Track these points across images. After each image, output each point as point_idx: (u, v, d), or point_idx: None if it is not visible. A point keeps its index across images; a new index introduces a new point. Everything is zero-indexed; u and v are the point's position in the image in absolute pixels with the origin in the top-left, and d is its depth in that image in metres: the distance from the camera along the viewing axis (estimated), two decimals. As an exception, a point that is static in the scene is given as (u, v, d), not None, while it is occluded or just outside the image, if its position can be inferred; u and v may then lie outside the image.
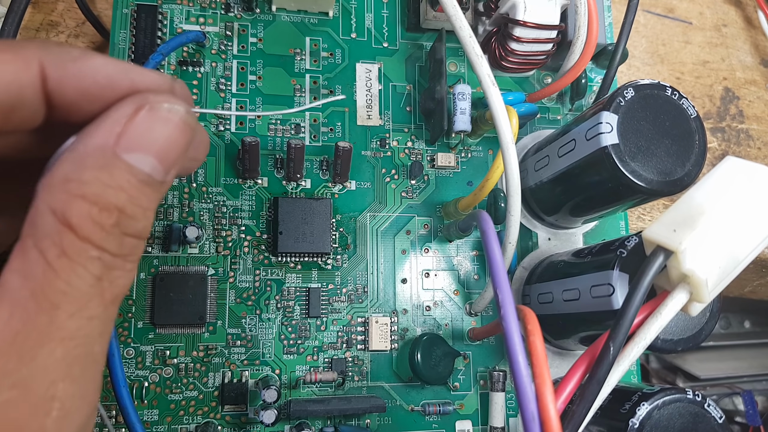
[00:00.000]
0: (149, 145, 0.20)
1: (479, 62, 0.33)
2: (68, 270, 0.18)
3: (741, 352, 0.76)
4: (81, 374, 0.19)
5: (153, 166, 0.20)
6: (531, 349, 0.25)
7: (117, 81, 0.21)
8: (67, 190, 0.18)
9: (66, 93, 0.20)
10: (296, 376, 0.39)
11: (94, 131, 0.19)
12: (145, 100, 0.20)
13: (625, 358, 0.26)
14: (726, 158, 0.28)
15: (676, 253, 0.25)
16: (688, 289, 0.26)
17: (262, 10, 0.43)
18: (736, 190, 0.26)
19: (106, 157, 0.19)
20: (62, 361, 0.18)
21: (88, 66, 0.20)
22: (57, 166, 0.19)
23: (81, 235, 0.18)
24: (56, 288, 0.18)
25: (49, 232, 0.18)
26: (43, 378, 0.18)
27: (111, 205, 0.19)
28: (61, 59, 0.20)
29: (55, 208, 0.18)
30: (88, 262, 0.19)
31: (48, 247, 0.18)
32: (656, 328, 0.26)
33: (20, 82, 0.19)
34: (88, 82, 0.20)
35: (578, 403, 0.25)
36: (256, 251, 0.40)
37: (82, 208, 0.18)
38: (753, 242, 0.26)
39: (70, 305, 0.18)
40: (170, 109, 0.20)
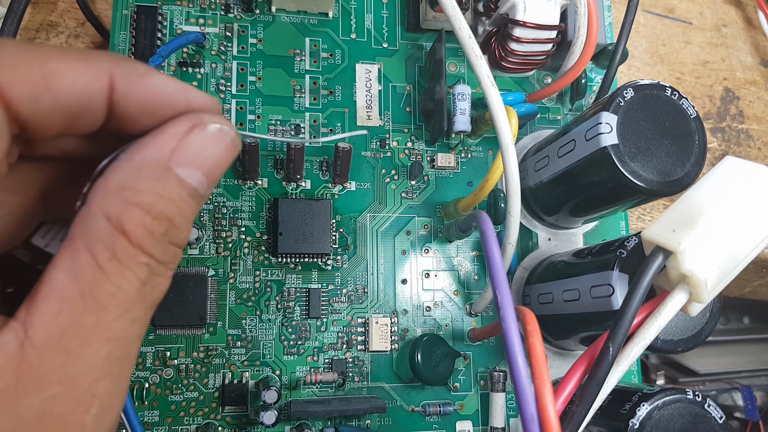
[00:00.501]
0: (200, 162, 0.21)
1: (478, 63, 0.33)
2: (118, 273, 0.19)
3: (740, 347, 0.76)
4: (119, 374, 0.20)
5: (200, 181, 0.21)
6: (530, 350, 0.25)
7: (175, 99, 0.22)
8: (123, 197, 0.19)
9: (128, 105, 0.21)
10: (296, 377, 0.39)
11: (151, 143, 0.21)
12: (201, 119, 0.22)
13: (625, 359, 0.26)
14: (725, 158, 0.28)
15: (675, 253, 0.25)
16: (688, 290, 0.26)
17: (261, 11, 0.43)
18: (736, 190, 0.26)
19: (161, 169, 0.20)
20: (105, 361, 0.19)
21: (152, 82, 0.21)
22: (112, 174, 0.20)
23: (134, 242, 0.19)
24: (105, 290, 0.19)
25: (102, 236, 0.19)
26: (87, 375, 0.19)
27: (162, 215, 0.20)
28: (129, 73, 0.21)
29: (109, 214, 0.19)
30: (137, 267, 0.20)
31: (100, 250, 0.19)
32: (656, 329, 0.26)
33: (91, 91, 0.20)
34: (150, 98, 0.21)
35: (578, 403, 0.25)
36: (256, 252, 0.40)
37: (137, 216, 0.19)
38: (752, 242, 0.26)
39: (117, 307, 0.19)
40: (222, 130, 0.22)
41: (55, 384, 0.18)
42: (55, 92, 0.19)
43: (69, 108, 0.19)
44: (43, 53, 0.19)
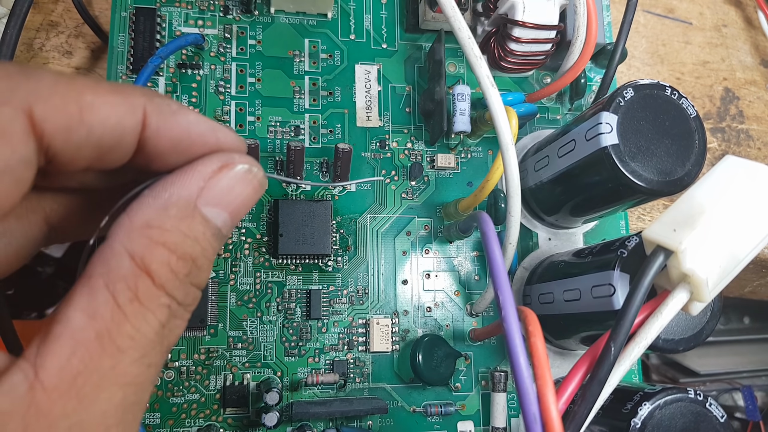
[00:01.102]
0: (227, 203, 0.21)
1: (478, 63, 0.33)
2: (139, 315, 0.18)
3: (740, 347, 0.76)
4: (132, 421, 0.19)
5: (225, 222, 0.21)
6: (532, 350, 0.25)
7: (207, 138, 0.22)
8: (149, 235, 0.19)
9: (159, 142, 0.21)
10: (298, 378, 0.39)
11: (179, 182, 0.20)
12: (231, 159, 0.21)
13: (626, 358, 0.26)
14: (725, 157, 0.28)
15: (676, 252, 0.25)
16: (689, 289, 0.26)
17: (260, 12, 0.43)
18: (736, 189, 0.26)
19: (188, 208, 0.20)
20: (119, 408, 0.18)
21: (184, 120, 0.21)
22: (138, 211, 0.19)
23: (157, 282, 0.19)
24: (124, 332, 0.18)
25: (124, 276, 0.18)
26: (99, 423, 0.18)
27: (188, 255, 0.20)
28: (163, 110, 0.20)
29: (133, 252, 0.18)
30: (158, 309, 0.19)
31: (122, 290, 0.18)
32: (657, 328, 0.26)
33: (124, 126, 0.19)
34: (182, 136, 0.21)
35: (580, 403, 0.25)
36: (257, 254, 0.40)
37: (163, 256, 0.19)
38: (753, 241, 0.26)
39: (135, 351, 0.18)
40: (250, 171, 0.22)
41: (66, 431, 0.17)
42: (89, 126, 0.18)
43: (100, 142, 0.19)
44: (78, 84, 0.18)
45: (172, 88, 0.40)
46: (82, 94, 0.18)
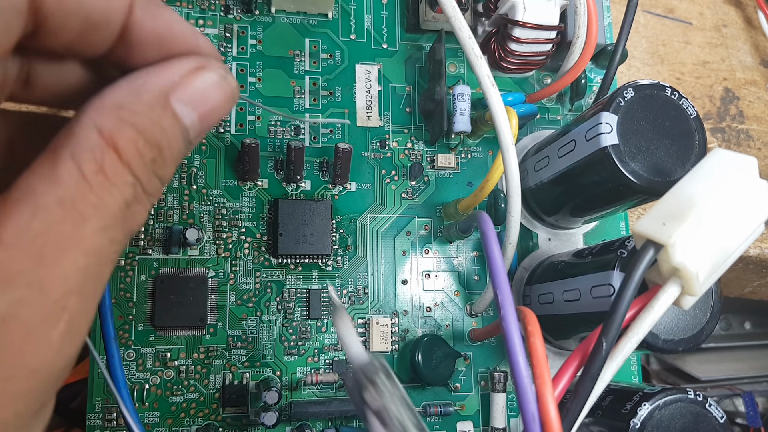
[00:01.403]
0: (198, 104, 0.21)
1: (478, 63, 0.33)
2: (103, 187, 0.18)
3: (741, 353, 0.76)
4: (92, 294, 0.19)
5: (193, 122, 0.21)
6: (531, 350, 0.25)
7: (187, 38, 0.22)
8: (119, 115, 0.19)
9: (142, 31, 0.21)
10: (297, 378, 0.39)
11: (155, 72, 0.20)
12: (208, 62, 0.22)
13: (619, 354, 0.26)
14: (714, 150, 0.28)
15: (666, 246, 0.25)
16: (680, 283, 0.26)
17: (261, 12, 0.43)
18: (725, 182, 0.26)
19: (161, 98, 0.20)
20: (80, 274, 0.18)
21: (168, 15, 0.21)
22: (110, 92, 0.20)
23: (123, 159, 0.19)
24: (88, 201, 0.18)
25: (91, 148, 0.18)
26: (60, 285, 0.17)
27: (154, 141, 0.20)
28: (150, 1, 0.21)
29: (102, 128, 0.19)
30: (123, 185, 0.19)
31: (87, 161, 0.18)
32: (649, 323, 0.26)
33: (111, 6, 0.20)
34: (164, 29, 0.21)
35: (572, 399, 0.25)
36: (257, 253, 0.40)
37: (131, 135, 0.19)
38: (743, 234, 0.26)
39: (98, 221, 0.18)
40: (225, 78, 0.22)
41: (24, 287, 0.17)
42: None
43: (89, 16, 0.19)
44: None
45: (172, 88, 0.40)
46: None
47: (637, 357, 0.44)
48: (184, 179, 0.39)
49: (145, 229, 0.38)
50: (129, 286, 0.38)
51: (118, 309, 0.37)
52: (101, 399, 0.36)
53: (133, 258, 0.38)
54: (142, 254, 0.38)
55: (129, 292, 0.38)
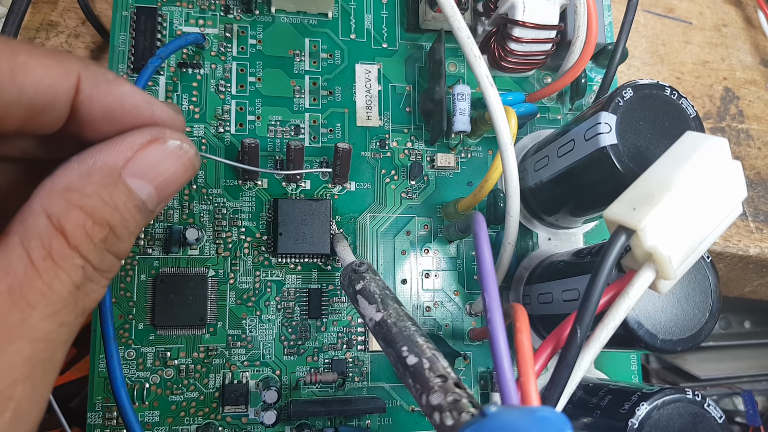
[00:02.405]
0: (153, 176, 0.21)
1: (478, 63, 0.33)
2: (51, 273, 0.19)
3: (741, 352, 0.76)
4: (41, 379, 0.19)
5: (150, 196, 0.21)
6: (518, 346, 0.25)
7: (141, 110, 0.22)
8: (68, 198, 0.19)
9: (92, 109, 0.21)
10: (297, 377, 0.39)
11: (106, 150, 0.21)
12: (162, 133, 0.22)
13: (595, 341, 0.26)
14: (685, 134, 0.28)
15: (637, 231, 0.25)
16: (654, 267, 0.25)
17: (261, 12, 0.43)
18: (696, 164, 0.26)
19: (112, 176, 0.20)
20: (27, 362, 0.18)
21: (119, 90, 0.21)
22: (61, 174, 0.20)
23: (71, 243, 0.19)
24: (36, 288, 0.18)
25: (39, 234, 0.19)
26: (5, 375, 0.18)
27: (105, 221, 0.20)
28: (97, 78, 0.21)
29: (50, 212, 0.19)
30: (71, 269, 0.19)
31: (35, 248, 0.18)
32: (624, 309, 0.26)
33: (57, 89, 0.20)
34: (115, 105, 0.21)
35: (549, 387, 0.25)
36: (256, 252, 0.40)
37: (78, 218, 0.19)
38: (717, 217, 0.26)
39: (46, 307, 0.18)
40: (181, 148, 0.22)
41: None
42: (21, 85, 0.19)
43: (32, 102, 0.19)
44: (13, 46, 0.19)
45: (172, 87, 0.41)
46: (17, 54, 0.19)
47: (636, 357, 0.44)
48: (184, 179, 0.39)
49: (146, 228, 0.38)
50: (129, 286, 0.38)
51: (118, 308, 0.37)
52: (101, 398, 0.36)
53: (133, 258, 0.38)
54: (142, 254, 0.38)
55: (129, 291, 0.38)
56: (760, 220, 0.54)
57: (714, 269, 0.32)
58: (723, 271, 0.58)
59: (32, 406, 0.19)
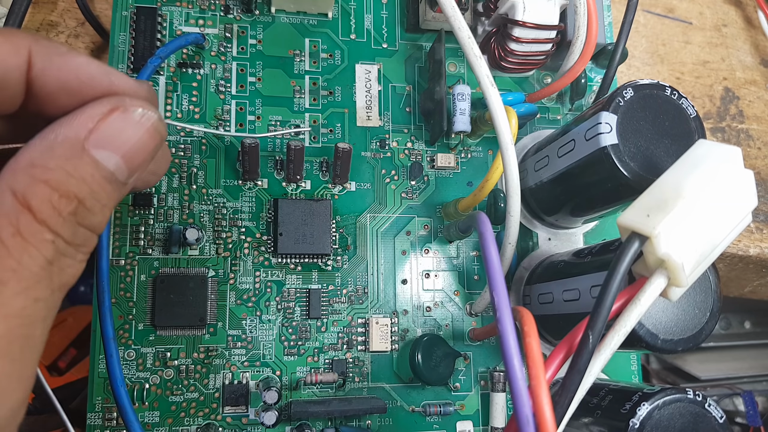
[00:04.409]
0: (118, 145, 0.21)
1: (478, 63, 0.33)
2: (21, 249, 0.18)
3: (741, 352, 0.76)
4: (20, 355, 0.19)
5: (118, 166, 0.21)
6: (527, 351, 0.25)
7: (97, 80, 0.22)
8: (32, 174, 0.19)
9: (47, 83, 0.21)
10: (297, 378, 0.39)
11: (66, 123, 0.20)
12: (121, 102, 0.21)
13: (606, 347, 0.26)
14: (698, 141, 0.28)
15: (650, 237, 0.25)
16: (666, 274, 0.25)
17: (261, 12, 0.43)
18: (710, 172, 0.26)
19: (75, 149, 0.20)
20: (3, 338, 0.18)
21: (72, 62, 0.21)
22: (24, 151, 0.20)
23: (38, 218, 0.19)
24: (5, 265, 0.18)
25: (6, 212, 0.18)
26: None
27: (71, 194, 0.20)
28: (49, 51, 0.21)
29: (15, 190, 0.19)
30: (41, 244, 0.19)
31: (4, 226, 0.18)
32: (636, 315, 0.26)
33: (7, 65, 0.20)
34: (70, 77, 0.21)
35: (560, 393, 0.25)
36: (257, 253, 0.40)
37: (44, 193, 0.19)
38: (730, 224, 0.26)
39: (18, 283, 0.18)
40: (143, 114, 0.22)
41: None
42: None
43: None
44: None
45: (172, 87, 0.40)
46: None
47: (637, 357, 0.44)
48: (184, 179, 0.39)
49: (145, 229, 0.38)
50: (129, 286, 0.38)
51: (118, 309, 0.37)
52: (101, 398, 0.36)
53: (133, 258, 0.38)
54: (142, 254, 0.38)
55: (129, 291, 0.38)
56: (760, 220, 0.54)
57: (714, 269, 0.32)
58: (723, 271, 0.58)
59: (12, 382, 0.19)
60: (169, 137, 0.40)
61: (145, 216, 0.39)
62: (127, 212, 0.38)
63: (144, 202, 0.38)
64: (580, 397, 0.26)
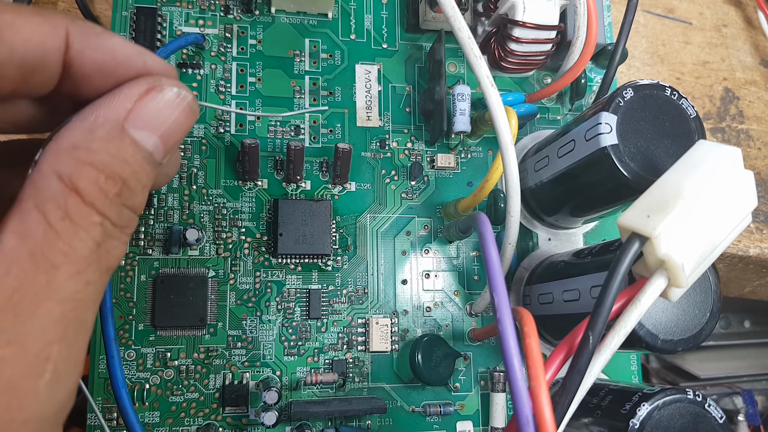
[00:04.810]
0: (156, 125, 0.21)
1: (478, 63, 0.33)
2: (71, 233, 0.18)
3: (741, 351, 0.76)
4: (75, 339, 0.19)
5: (156, 146, 0.21)
6: (527, 351, 0.25)
7: (132, 61, 0.22)
8: (76, 156, 0.19)
9: (84, 64, 0.21)
10: (297, 378, 0.39)
11: (105, 104, 0.20)
12: (158, 81, 0.21)
13: (606, 348, 0.26)
14: (698, 142, 0.28)
15: (650, 238, 0.25)
16: (666, 275, 0.26)
17: (261, 12, 0.43)
18: (710, 173, 0.26)
19: (116, 130, 0.20)
20: (59, 323, 0.18)
21: (108, 42, 0.21)
22: (65, 134, 0.20)
23: (87, 200, 0.19)
24: (57, 249, 0.18)
25: (53, 195, 0.18)
26: (39, 337, 0.18)
27: (116, 175, 0.20)
28: (86, 32, 0.21)
29: (61, 173, 0.19)
30: (90, 226, 0.19)
31: (51, 210, 0.18)
32: (636, 316, 0.26)
33: (46, 46, 0.20)
34: (107, 57, 0.21)
35: (560, 394, 0.25)
36: (257, 253, 0.40)
37: (90, 174, 0.19)
38: (730, 224, 0.26)
39: (70, 267, 0.18)
40: (179, 94, 0.22)
41: (4, 346, 0.17)
42: (10, 44, 0.18)
43: (23, 61, 0.19)
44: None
45: (172, 88, 0.40)
46: (2, 13, 0.18)
47: (637, 357, 0.44)
48: (184, 179, 0.39)
49: (146, 229, 0.38)
50: (129, 286, 0.38)
51: (118, 309, 0.37)
52: (101, 399, 0.36)
53: (133, 258, 0.38)
54: (142, 254, 0.38)
55: (129, 292, 0.38)
56: (760, 220, 0.54)
57: (714, 269, 0.32)
58: (723, 272, 0.58)
59: (70, 366, 0.19)
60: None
61: (145, 216, 0.39)
62: (127, 212, 0.38)
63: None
64: (580, 398, 0.26)
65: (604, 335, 0.26)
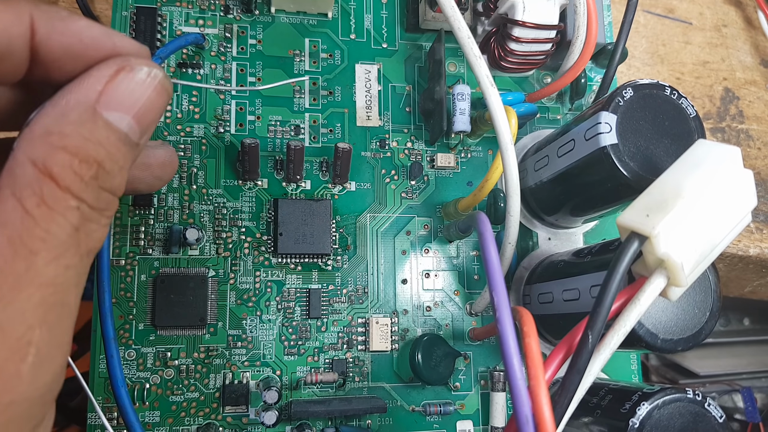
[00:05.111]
0: (128, 106, 0.21)
1: (478, 63, 0.33)
2: (47, 218, 0.19)
3: (740, 349, 0.76)
4: (56, 322, 0.19)
5: (130, 126, 0.21)
6: (526, 351, 0.25)
7: (100, 42, 0.22)
8: (49, 142, 0.19)
9: (51, 49, 0.21)
10: (297, 377, 0.39)
11: (76, 88, 0.20)
12: (127, 61, 0.21)
13: (606, 347, 0.26)
14: (697, 142, 0.28)
15: (650, 237, 0.25)
16: (666, 274, 0.26)
17: (261, 12, 0.43)
18: (709, 172, 0.26)
19: (88, 112, 0.20)
20: (39, 307, 0.18)
21: (75, 25, 0.21)
22: (37, 120, 0.20)
23: (62, 185, 0.19)
24: (35, 235, 0.18)
25: (28, 182, 0.19)
26: (20, 322, 0.18)
27: (91, 158, 0.20)
28: (51, 16, 0.21)
29: (35, 159, 0.19)
30: (67, 211, 0.19)
31: (27, 196, 0.18)
32: (635, 315, 0.26)
33: (10, 33, 0.20)
34: (74, 41, 0.21)
35: (560, 393, 0.25)
36: (257, 253, 0.40)
37: (64, 159, 0.19)
38: (729, 224, 0.26)
39: (48, 252, 0.19)
40: (150, 73, 0.22)
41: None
42: None
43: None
44: None
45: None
46: None
47: (636, 356, 0.44)
48: (184, 179, 0.40)
49: (146, 229, 0.38)
50: (129, 286, 0.38)
51: (118, 309, 0.37)
52: (101, 398, 0.36)
53: (133, 258, 0.38)
54: (142, 254, 0.38)
55: (129, 291, 0.38)
56: (760, 220, 0.54)
57: (714, 269, 0.32)
58: (723, 271, 0.58)
59: (53, 349, 0.19)
60: (169, 137, 0.40)
61: (145, 216, 0.39)
62: (127, 212, 0.38)
63: (144, 203, 0.38)
64: (579, 397, 0.26)
65: (604, 334, 0.26)
